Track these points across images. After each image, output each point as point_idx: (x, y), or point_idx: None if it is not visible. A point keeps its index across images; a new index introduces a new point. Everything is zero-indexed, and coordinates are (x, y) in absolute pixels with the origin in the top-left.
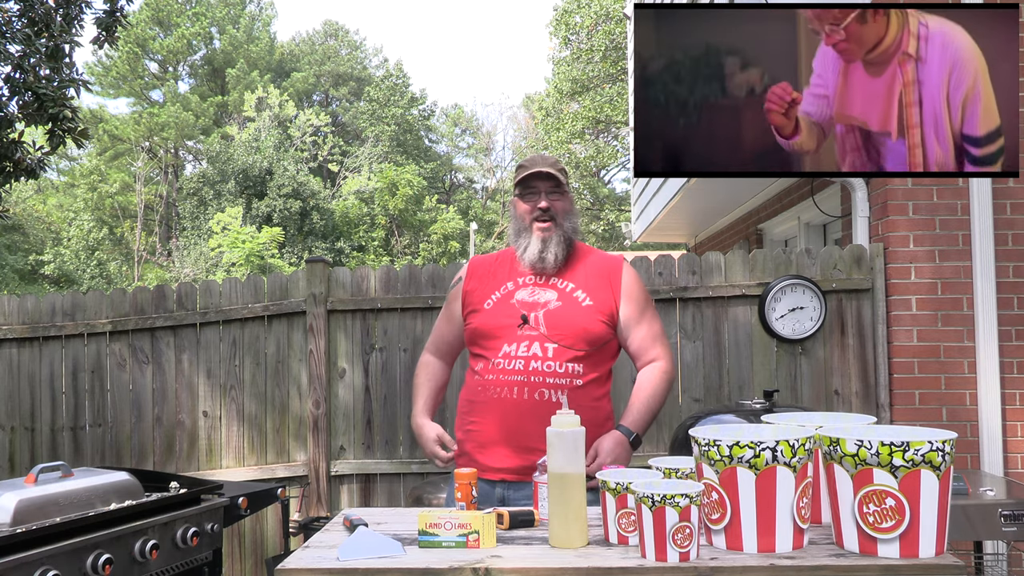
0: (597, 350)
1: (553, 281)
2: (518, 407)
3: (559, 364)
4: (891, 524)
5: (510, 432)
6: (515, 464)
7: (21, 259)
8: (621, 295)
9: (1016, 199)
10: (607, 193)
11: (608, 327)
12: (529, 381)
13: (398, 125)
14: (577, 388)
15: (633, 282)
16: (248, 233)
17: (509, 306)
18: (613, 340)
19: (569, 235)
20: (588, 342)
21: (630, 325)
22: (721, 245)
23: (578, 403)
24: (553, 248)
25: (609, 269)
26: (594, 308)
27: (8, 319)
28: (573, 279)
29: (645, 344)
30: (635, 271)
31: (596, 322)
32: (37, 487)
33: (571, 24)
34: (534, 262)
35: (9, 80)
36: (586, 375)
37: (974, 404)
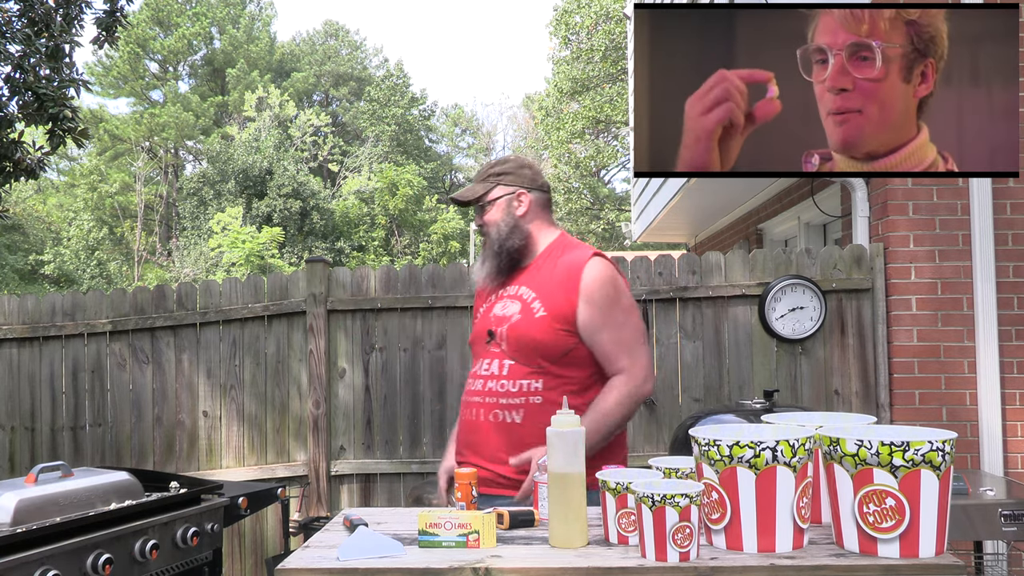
0: (557, 363)
1: (520, 291)
2: (478, 428)
3: (513, 383)
4: (891, 524)
5: (475, 451)
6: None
7: (21, 259)
8: (579, 298)
9: (1016, 199)
10: (607, 193)
11: (568, 335)
12: (485, 402)
13: (398, 125)
14: (537, 406)
15: (595, 282)
16: (248, 233)
17: (487, 319)
18: (580, 347)
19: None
20: (544, 356)
21: (591, 331)
22: (721, 245)
23: (541, 421)
24: (488, 262)
25: (570, 270)
26: (548, 318)
27: (8, 319)
28: (536, 287)
29: (608, 353)
30: (603, 268)
31: (550, 333)
32: (37, 487)
33: (571, 24)
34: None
35: (9, 80)
36: (548, 390)
37: (974, 404)
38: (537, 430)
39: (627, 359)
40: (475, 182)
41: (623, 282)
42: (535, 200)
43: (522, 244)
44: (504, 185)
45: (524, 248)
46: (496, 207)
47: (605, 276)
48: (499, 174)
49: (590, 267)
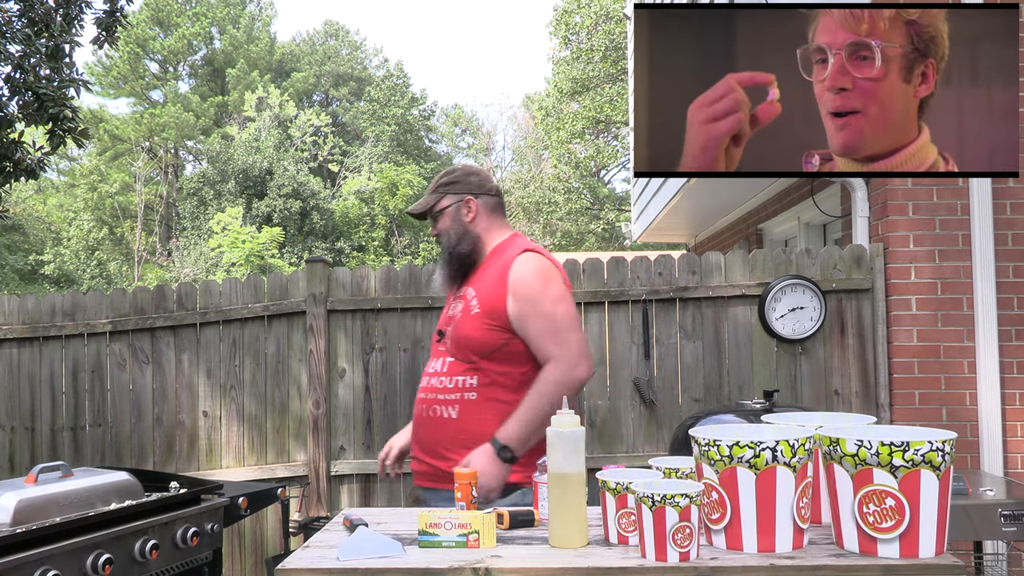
0: (491, 359)
1: (467, 291)
2: (421, 423)
3: (450, 379)
4: (891, 524)
5: (419, 445)
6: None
7: (21, 259)
8: (508, 292)
9: (1016, 199)
10: (607, 193)
11: (500, 331)
12: (427, 398)
13: (398, 125)
14: (471, 402)
15: (524, 275)
16: (248, 233)
17: (441, 321)
18: (514, 343)
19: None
20: (476, 352)
21: (521, 324)
22: (721, 245)
23: (475, 417)
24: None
25: (502, 267)
26: (481, 314)
27: (8, 319)
28: (477, 285)
29: (537, 343)
30: (530, 261)
31: (482, 329)
32: (37, 487)
33: (571, 24)
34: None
35: (9, 80)
36: (483, 386)
37: (974, 404)
38: (471, 426)
39: (556, 346)
40: (426, 194)
41: (555, 274)
42: (483, 205)
43: (471, 249)
44: (452, 194)
45: (474, 252)
46: (446, 216)
47: (531, 268)
48: (447, 184)
49: (518, 262)
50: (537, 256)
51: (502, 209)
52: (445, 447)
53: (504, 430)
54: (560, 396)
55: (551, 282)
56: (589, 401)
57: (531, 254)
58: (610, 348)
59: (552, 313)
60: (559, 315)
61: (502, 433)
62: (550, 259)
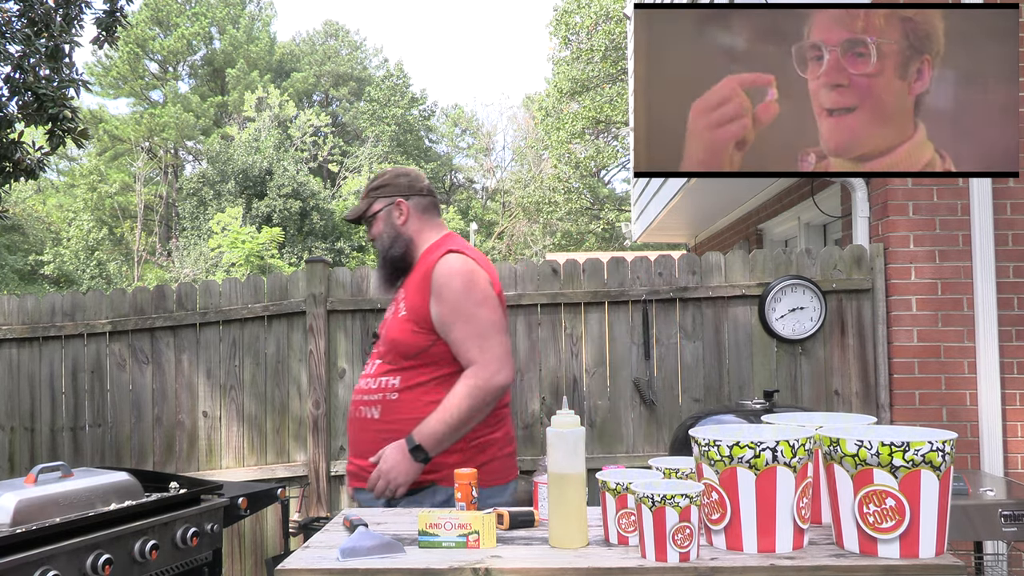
0: (414, 360)
1: (400, 294)
2: (351, 425)
3: (375, 380)
4: (891, 524)
5: (351, 446)
6: (353, 470)
7: (21, 259)
8: (431, 295)
9: (1016, 199)
10: (607, 193)
11: (424, 333)
12: (356, 400)
13: (398, 125)
14: (392, 402)
15: (443, 277)
16: (248, 233)
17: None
18: (439, 345)
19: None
20: (400, 354)
21: (443, 328)
22: (721, 245)
23: (396, 415)
24: (377, 272)
25: (426, 269)
26: (406, 317)
27: (8, 319)
28: (407, 287)
29: (458, 346)
30: (453, 263)
31: (406, 331)
32: (37, 487)
33: (571, 24)
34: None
35: (9, 80)
36: (404, 387)
37: (974, 404)
38: (392, 426)
39: (476, 351)
40: (360, 199)
41: (479, 276)
42: (415, 206)
43: (404, 251)
44: (383, 198)
45: (407, 254)
46: (379, 220)
47: (454, 271)
48: (377, 187)
49: (440, 264)
50: (461, 257)
51: (436, 209)
52: (368, 447)
53: (420, 430)
54: (478, 401)
55: (474, 285)
56: (589, 401)
57: (454, 255)
58: (610, 348)
59: (474, 317)
60: (481, 319)
61: (418, 433)
62: (477, 260)
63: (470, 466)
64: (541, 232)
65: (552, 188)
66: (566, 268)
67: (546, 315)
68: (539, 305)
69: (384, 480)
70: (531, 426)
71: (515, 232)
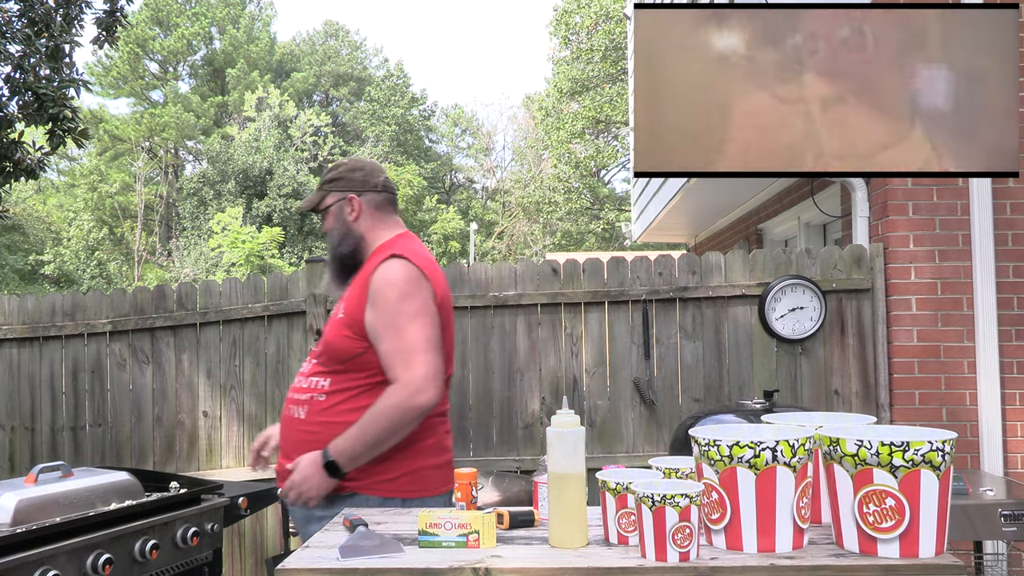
0: (346, 365)
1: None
2: (282, 423)
3: (306, 380)
4: (891, 524)
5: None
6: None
7: (21, 259)
8: (368, 300)
9: (1016, 199)
10: (607, 193)
11: (357, 339)
12: (288, 398)
13: (398, 125)
14: (319, 403)
15: (383, 285)
16: (248, 233)
17: None
18: (371, 352)
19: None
20: (332, 357)
21: (374, 336)
22: (721, 245)
23: (321, 419)
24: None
25: (367, 272)
26: (342, 321)
27: (8, 319)
28: (351, 288)
29: (385, 360)
30: (392, 269)
31: (340, 337)
32: (37, 487)
33: (571, 24)
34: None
35: (9, 80)
36: (333, 390)
37: (974, 404)
38: (315, 428)
39: (401, 368)
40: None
41: (419, 286)
42: (368, 203)
43: (353, 249)
44: (336, 192)
45: (356, 252)
46: (331, 215)
47: (391, 279)
48: (331, 180)
49: (381, 268)
50: (403, 264)
51: (391, 206)
52: (293, 447)
53: (336, 444)
54: (396, 423)
55: (410, 296)
56: (589, 401)
57: (396, 261)
58: (610, 348)
59: (404, 331)
60: (410, 335)
61: (334, 447)
62: (424, 267)
63: (394, 474)
64: (541, 232)
65: (552, 188)
66: (566, 268)
67: (546, 315)
68: (539, 305)
69: (296, 491)
70: (531, 426)
71: (515, 232)
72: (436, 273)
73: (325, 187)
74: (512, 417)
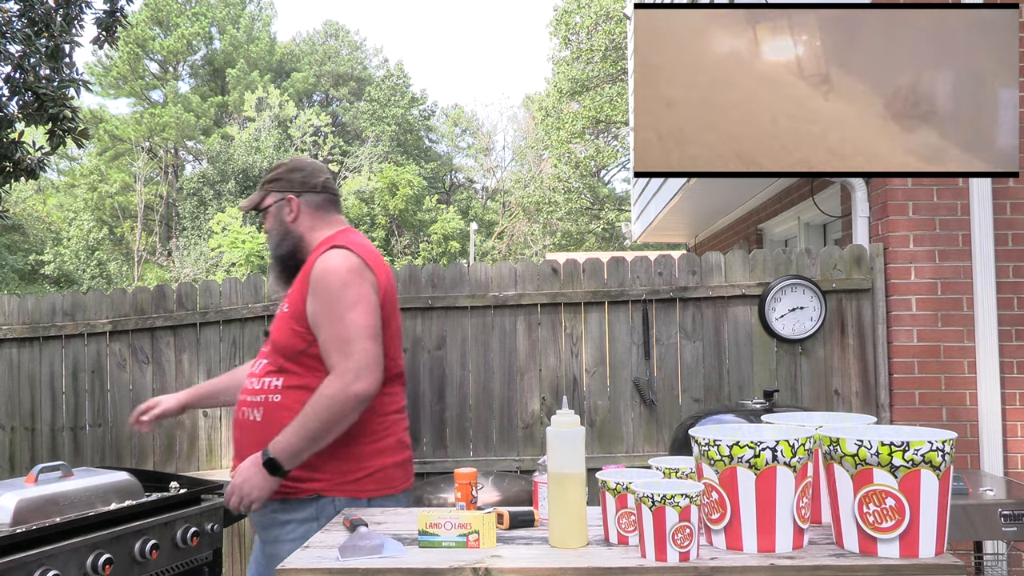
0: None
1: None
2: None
3: (258, 381)
4: (891, 524)
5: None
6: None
7: (21, 259)
8: (309, 292)
9: (1016, 199)
10: (607, 193)
11: (302, 333)
12: (241, 400)
13: (398, 125)
14: (275, 404)
15: (323, 274)
16: (248, 233)
17: None
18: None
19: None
20: (281, 354)
21: (315, 327)
22: (721, 245)
23: (276, 418)
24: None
25: (308, 264)
26: (287, 315)
27: (8, 319)
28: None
29: (323, 350)
30: (331, 259)
31: (286, 331)
32: (37, 487)
33: (571, 24)
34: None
35: (9, 80)
36: (288, 389)
37: (974, 404)
38: (275, 428)
39: (338, 356)
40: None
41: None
42: (307, 203)
43: (292, 250)
44: (275, 192)
45: (297, 253)
46: (270, 215)
47: (331, 267)
48: (270, 181)
49: (320, 259)
50: (342, 253)
51: (332, 205)
52: (252, 450)
53: (276, 442)
54: (333, 412)
55: (349, 285)
56: (589, 401)
57: (336, 251)
58: (610, 348)
59: (342, 319)
60: (348, 322)
61: (274, 445)
62: (367, 257)
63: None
64: (541, 232)
65: (552, 188)
66: (566, 268)
67: (546, 315)
68: (539, 305)
69: (238, 495)
70: (531, 426)
71: (515, 232)
72: (380, 265)
73: (265, 187)
74: (512, 417)
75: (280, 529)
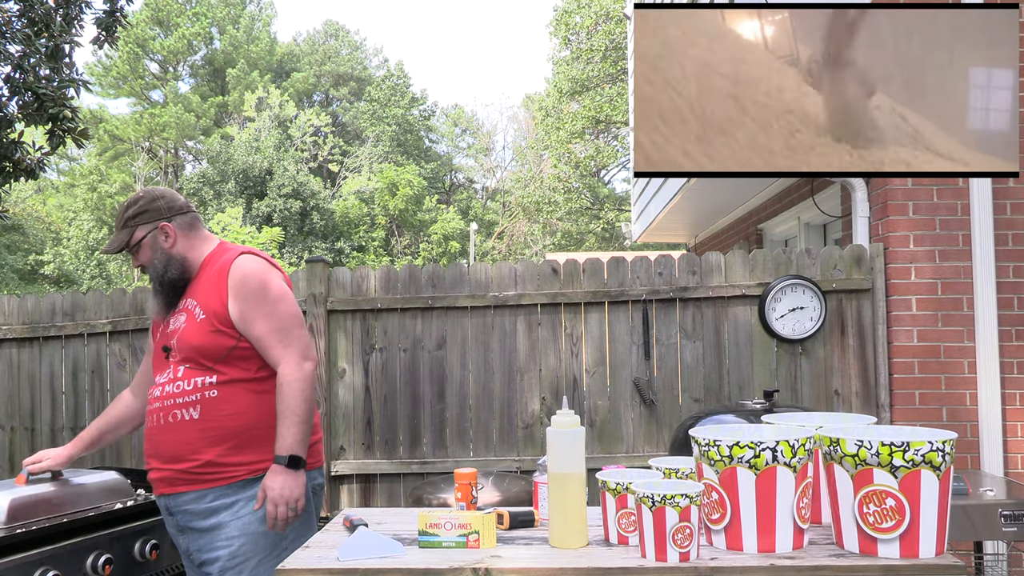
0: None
1: (187, 303)
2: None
3: (188, 382)
4: (891, 524)
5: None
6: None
7: (21, 259)
8: (228, 295)
9: (1016, 199)
10: (607, 193)
11: (227, 334)
12: (164, 406)
13: (398, 125)
14: (212, 399)
15: (243, 276)
16: (248, 233)
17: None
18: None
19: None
20: (208, 357)
21: (244, 324)
22: (721, 245)
23: (217, 413)
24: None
25: (220, 270)
26: (206, 320)
27: (8, 319)
28: (196, 295)
29: (263, 341)
30: (248, 263)
31: (209, 335)
32: (28, 487)
33: (571, 24)
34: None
35: (9, 80)
36: (223, 384)
37: (974, 404)
38: (215, 423)
39: (281, 347)
40: (116, 230)
41: (274, 273)
42: (179, 226)
43: (180, 272)
44: (144, 225)
45: (185, 273)
46: (144, 248)
47: (249, 270)
48: (135, 216)
49: (236, 264)
50: (254, 258)
51: (199, 222)
52: (188, 448)
53: (282, 444)
54: (305, 391)
55: (270, 284)
56: (589, 401)
57: (248, 256)
58: (610, 348)
59: (274, 313)
60: (280, 314)
61: (281, 448)
62: (268, 260)
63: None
64: (541, 232)
65: (552, 188)
66: (566, 268)
67: (546, 315)
68: (539, 305)
69: (283, 507)
70: (531, 426)
71: (515, 232)
72: (279, 268)
73: (131, 223)
74: (512, 417)
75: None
